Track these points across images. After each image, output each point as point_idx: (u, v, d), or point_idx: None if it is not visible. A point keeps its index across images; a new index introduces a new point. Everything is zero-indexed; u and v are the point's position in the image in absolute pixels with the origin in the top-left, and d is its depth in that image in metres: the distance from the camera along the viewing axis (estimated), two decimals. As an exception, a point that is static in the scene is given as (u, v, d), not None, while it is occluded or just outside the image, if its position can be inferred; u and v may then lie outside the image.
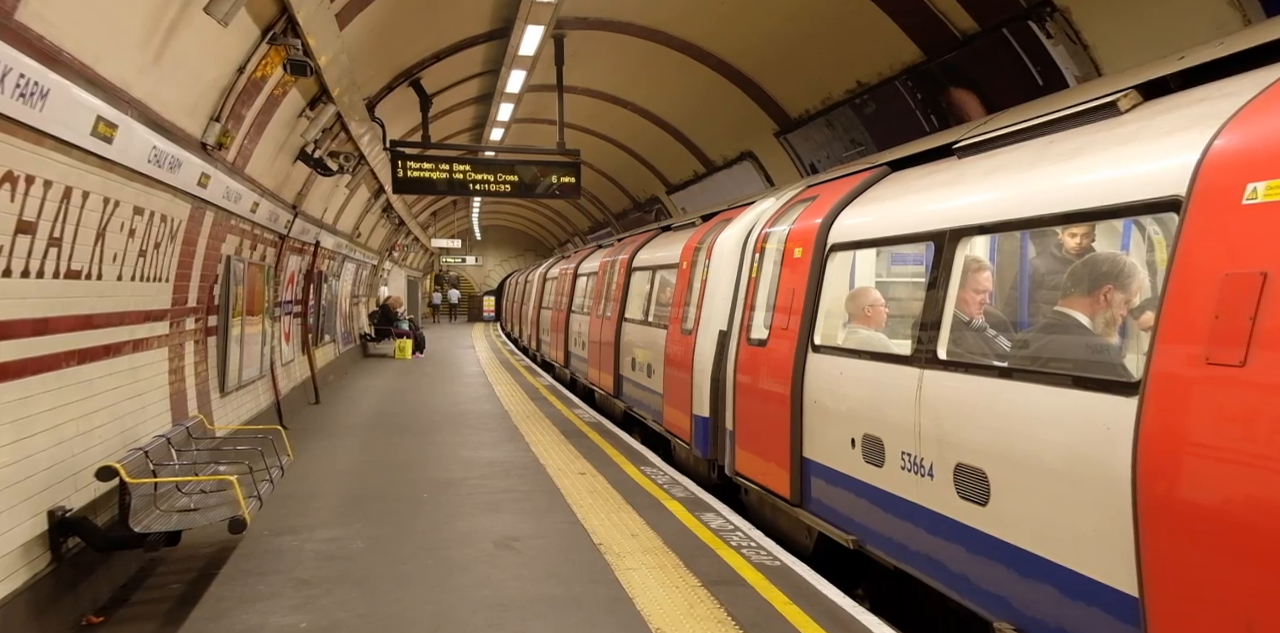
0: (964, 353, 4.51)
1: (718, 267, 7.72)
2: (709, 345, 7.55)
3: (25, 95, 3.80)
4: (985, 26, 7.49)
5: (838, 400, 5.38)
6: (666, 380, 8.92)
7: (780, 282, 6.31)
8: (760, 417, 6.41)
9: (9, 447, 4.27)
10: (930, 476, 4.31)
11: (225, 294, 8.37)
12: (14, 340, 4.27)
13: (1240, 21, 5.39)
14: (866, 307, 5.80)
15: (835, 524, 5.41)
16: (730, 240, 7.71)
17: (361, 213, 17.07)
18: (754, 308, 6.80)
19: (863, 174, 6.12)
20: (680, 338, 8.43)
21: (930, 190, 5.00)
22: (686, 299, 8.53)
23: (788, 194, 7.30)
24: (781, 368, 5.97)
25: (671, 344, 8.77)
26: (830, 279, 5.80)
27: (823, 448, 5.55)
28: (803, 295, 5.86)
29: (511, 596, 5.05)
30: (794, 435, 5.80)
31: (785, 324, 6.07)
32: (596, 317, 13.21)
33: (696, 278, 8.34)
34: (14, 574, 4.26)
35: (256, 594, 5.08)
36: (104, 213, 5.12)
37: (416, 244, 30.88)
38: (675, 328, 8.71)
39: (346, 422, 11.72)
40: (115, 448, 5.55)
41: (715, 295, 7.64)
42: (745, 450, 6.78)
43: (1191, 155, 3.09)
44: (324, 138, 9.92)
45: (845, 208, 5.81)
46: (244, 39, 6.51)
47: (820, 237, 5.82)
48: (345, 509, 7.01)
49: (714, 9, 10.55)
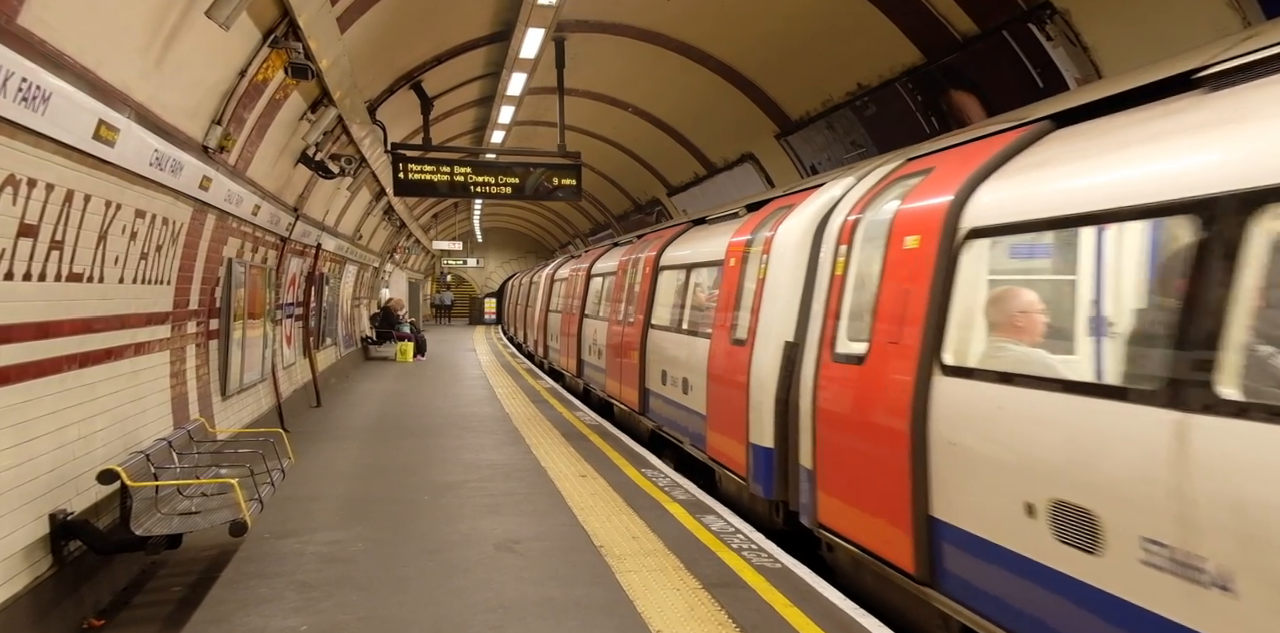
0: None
1: (780, 264, 6.44)
2: (770, 359, 6.30)
3: (27, 99, 3.81)
4: (985, 28, 7.50)
5: (998, 445, 3.85)
6: (711, 399, 7.56)
7: (884, 281, 4.89)
8: (858, 455, 5.00)
9: (11, 450, 4.28)
10: (1224, 588, 2.73)
11: (226, 297, 8.38)
12: (16, 344, 4.28)
13: (1239, 23, 5.40)
14: (1018, 313, 4.29)
15: (1000, 623, 3.85)
16: (796, 232, 6.41)
17: (363, 216, 17.08)
18: (841, 314, 5.40)
19: (1005, 136, 4.62)
20: (729, 349, 7.13)
21: (1164, 141, 3.46)
22: (735, 303, 7.23)
23: (877, 170, 5.93)
24: (891, 394, 4.59)
25: (717, 356, 7.44)
26: (966, 276, 4.30)
27: (970, 510, 4.03)
28: (922, 298, 4.43)
29: (512, 598, 5.05)
30: (917, 487, 4.32)
31: (894, 336, 4.66)
32: (616, 322, 11.80)
33: (749, 278, 7.08)
34: (15, 577, 4.27)
35: (258, 597, 5.08)
36: (105, 216, 5.14)
37: (418, 247, 30.90)
38: (721, 337, 7.40)
39: (348, 424, 11.73)
40: (117, 451, 5.56)
41: (777, 299, 6.38)
42: (834, 497, 5.32)
43: None
44: (325, 141, 9.94)
45: (986, 180, 4.34)
46: (245, 42, 6.52)
47: (948, 220, 4.36)
48: (346, 512, 7.01)
49: (714, 11, 10.57)
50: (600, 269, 14.21)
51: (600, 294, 13.87)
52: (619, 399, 11.64)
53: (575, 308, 15.50)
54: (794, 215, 6.63)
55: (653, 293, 10.34)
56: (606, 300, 13.16)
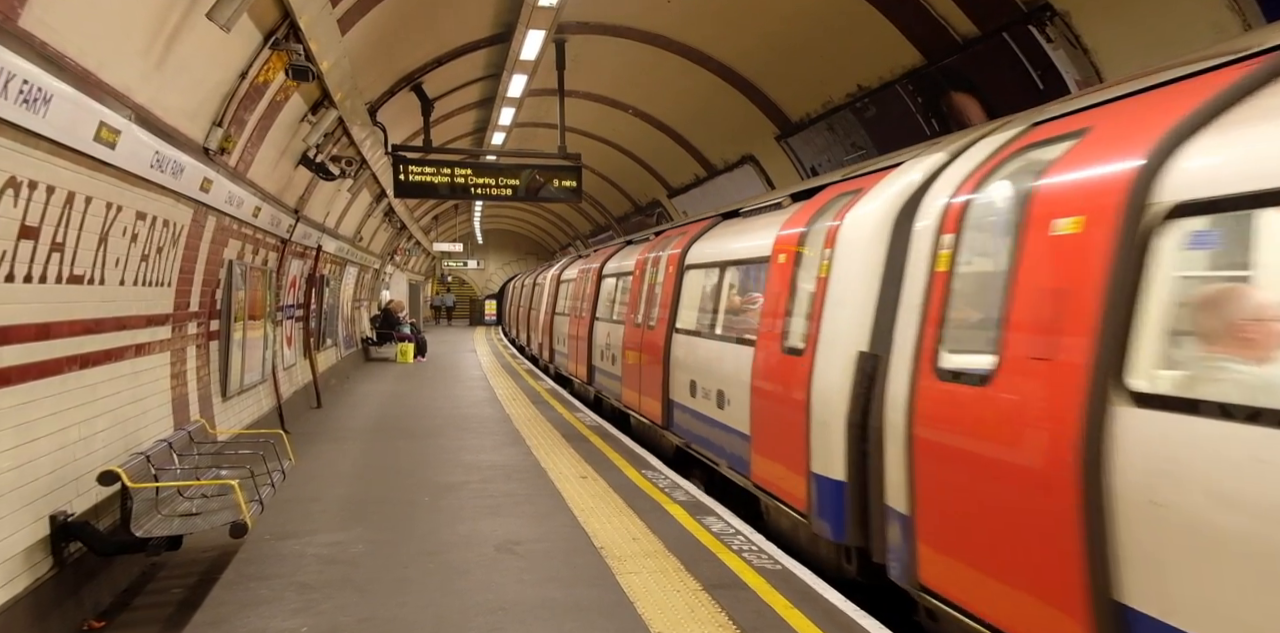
0: None
1: (849, 259, 5.38)
2: (838, 374, 5.20)
3: (29, 101, 3.82)
4: (985, 30, 7.51)
5: (1261, 517, 2.60)
6: (756, 418, 6.50)
7: (1020, 277, 3.78)
8: (985, 505, 3.86)
9: (11, 451, 4.28)
10: None
11: (227, 299, 8.38)
12: (17, 345, 4.28)
13: (1240, 25, 5.40)
14: (1251, 320, 3.14)
15: None
16: (870, 221, 5.32)
17: (363, 217, 17.09)
18: (945, 320, 4.30)
19: (1209, 78, 3.42)
20: (780, 361, 6.11)
21: None
22: (787, 306, 6.19)
23: (985, 140, 4.69)
24: (1042, 427, 3.49)
25: (764, 368, 6.41)
26: (1166, 269, 3.11)
27: (1204, 607, 2.79)
28: (1090, 301, 3.29)
29: (513, 600, 5.05)
30: (1094, 562, 3.14)
31: (1041, 350, 3.56)
32: (634, 326, 10.63)
33: (804, 276, 6.07)
34: (16, 579, 4.27)
35: (258, 599, 5.08)
36: (106, 218, 5.14)
37: (418, 248, 30.92)
38: (770, 346, 6.34)
39: (348, 426, 11.73)
40: (117, 452, 5.56)
41: (846, 301, 5.32)
42: (944, 555, 4.18)
43: None
44: (326, 142, 9.95)
45: (1194, 136, 3.13)
46: (246, 44, 6.53)
47: (1134, 194, 3.18)
48: (347, 513, 7.01)
49: (714, 13, 10.58)
50: (613, 269, 13.12)
51: (614, 296, 12.82)
52: (638, 411, 10.43)
53: (585, 310, 14.37)
54: (865, 202, 5.49)
55: (678, 294, 9.21)
56: (621, 302, 12.07)
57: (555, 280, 19.14)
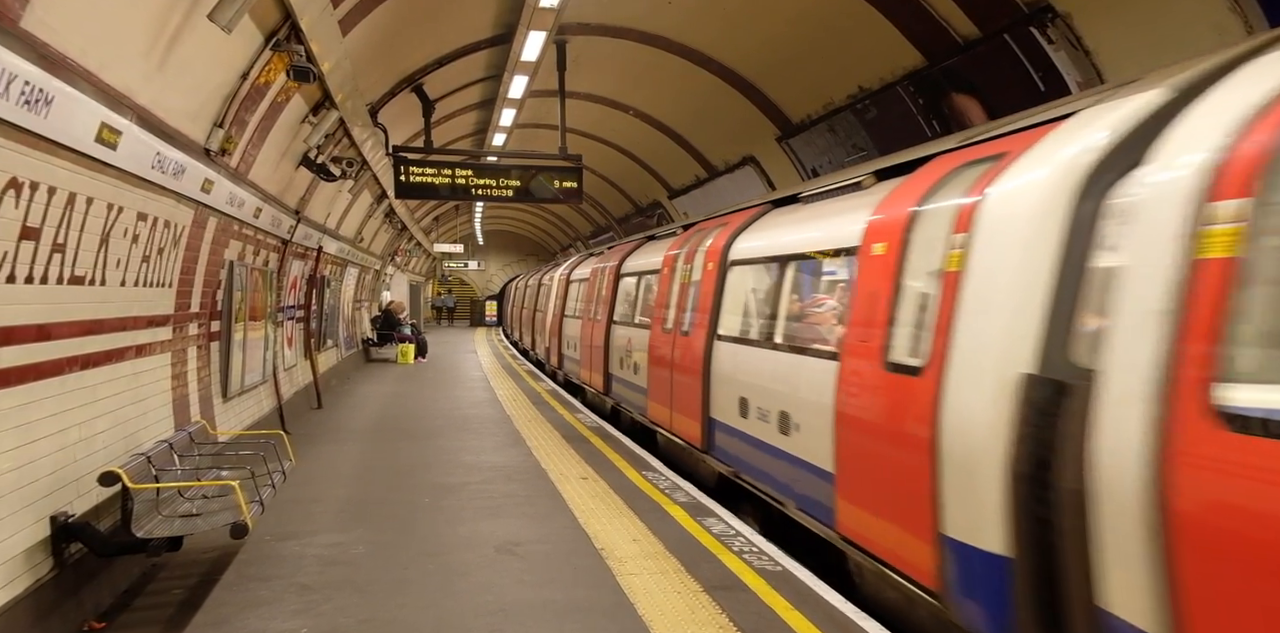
0: None
1: (1001, 248, 3.98)
2: (985, 403, 3.83)
3: (30, 102, 3.82)
4: (986, 32, 7.51)
5: None
6: (844, 452, 5.10)
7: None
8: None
9: (12, 452, 4.28)
10: None
11: (228, 299, 8.39)
12: (17, 346, 4.29)
13: (1242, 27, 5.40)
14: None
15: None
16: (1039, 194, 3.85)
17: (364, 218, 17.10)
18: (1229, 337, 2.80)
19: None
20: (882, 380, 4.70)
21: None
22: (890, 310, 4.74)
23: (1246, 69, 3.26)
24: None
25: (856, 389, 4.99)
26: None
27: None
28: None
29: (513, 601, 5.05)
30: None
31: None
32: (664, 332, 9.34)
33: (914, 271, 4.70)
34: (16, 580, 4.27)
35: (258, 600, 5.08)
36: (107, 219, 5.14)
37: (419, 249, 30.94)
38: (863, 360, 4.92)
39: (349, 427, 11.73)
40: (118, 453, 5.56)
41: (995, 304, 3.94)
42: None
43: None
44: (327, 143, 9.96)
45: None
46: (247, 45, 6.53)
47: None
48: (347, 514, 7.01)
49: (716, 14, 10.59)
50: (635, 267, 11.79)
51: (635, 297, 11.56)
52: (668, 429, 9.19)
53: (601, 313, 13.04)
54: (1020, 169, 4.09)
55: (719, 295, 7.83)
56: (645, 305, 10.87)
57: (564, 280, 17.58)
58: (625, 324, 11.65)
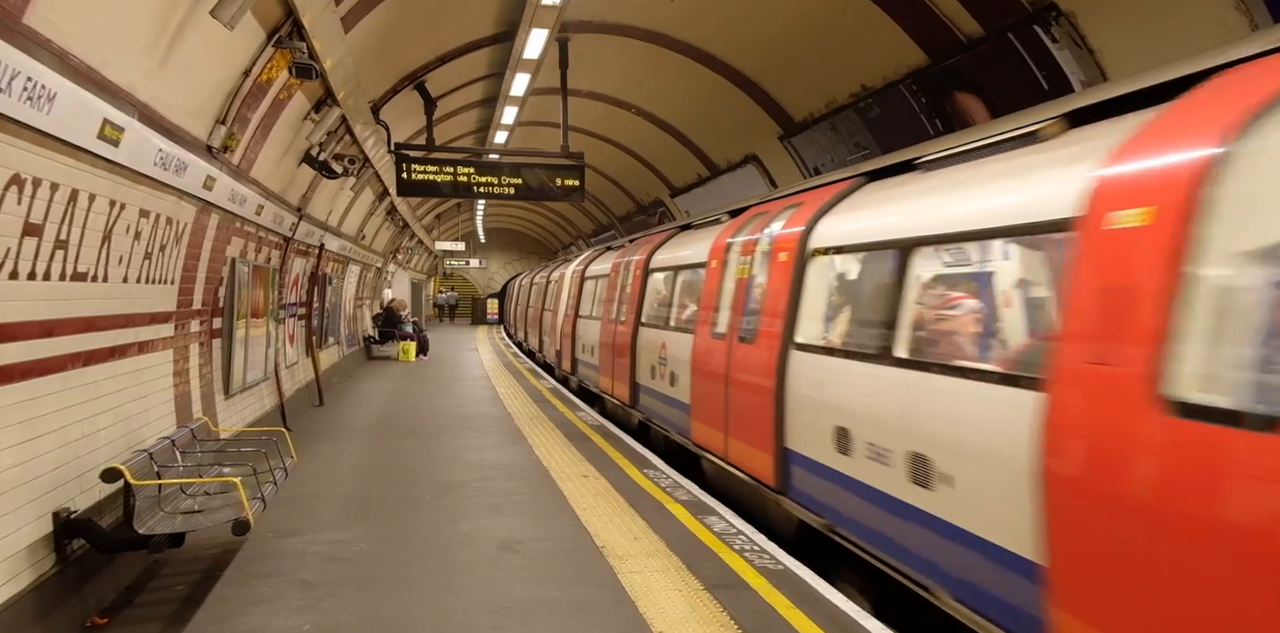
0: None
1: None
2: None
3: (33, 98, 3.82)
4: (990, 31, 7.50)
5: None
6: (1062, 541, 3.32)
7: None
8: None
9: (15, 448, 4.29)
10: None
11: (230, 297, 8.39)
12: (21, 342, 4.29)
13: (1247, 26, 5.39)
14: None
15: None
16: None
17: (366, 216, 17.11)
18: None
19: None
20: (1146, 426, 2.96)
21: None
22: (1166, 319, 2.97)
23: None
24: None
25: (1081, 440, 3.28)
26: None
27: None
28: None
29: (514, 598, 5.05)
30: None
31: None
32: (712, 338, 7.76)
33: (1217, 254, 2.91)
34: (19, 576, 4.28)
35: (260, 596, 5.08)
36: (110, 215, 5.14)
37: (420, 247, 30.95)
38: (1118, 394, 3.09)
39: (350, 424, 11.74)
40: (120, 450, 5.57)
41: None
42: None
43: None
44: (329, 141, 9.96)
45: None
46: (249, 42, 6.53)
47: None
48: (349, 511, 7.02)
49: (718, 12, 10.58)
50: (668, 261, 10.25)
51: (669, 297, 10.07)
52: (723, 457, 7.51)
53: (626, 315, 11.33)
54: None
55: (797, 294, 6.27)
56: (681, 306, 9.50)
57: (578, 277, 15.85)
58: (657, 327, 10.06)
